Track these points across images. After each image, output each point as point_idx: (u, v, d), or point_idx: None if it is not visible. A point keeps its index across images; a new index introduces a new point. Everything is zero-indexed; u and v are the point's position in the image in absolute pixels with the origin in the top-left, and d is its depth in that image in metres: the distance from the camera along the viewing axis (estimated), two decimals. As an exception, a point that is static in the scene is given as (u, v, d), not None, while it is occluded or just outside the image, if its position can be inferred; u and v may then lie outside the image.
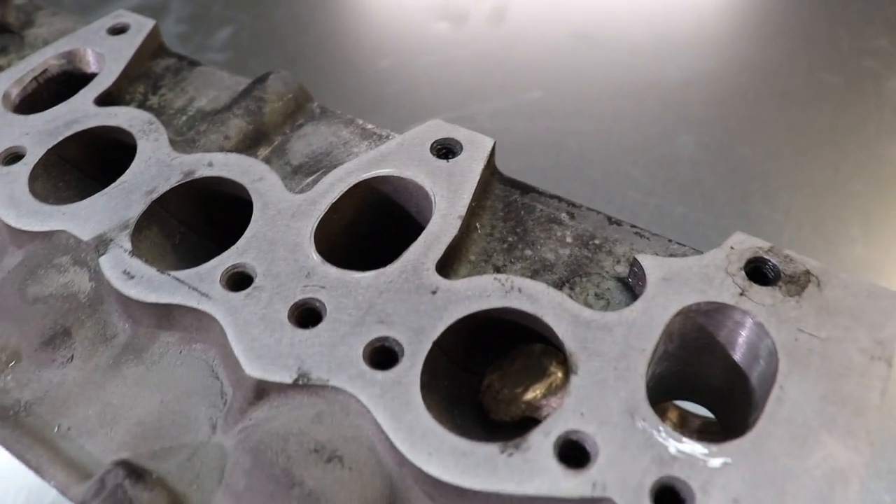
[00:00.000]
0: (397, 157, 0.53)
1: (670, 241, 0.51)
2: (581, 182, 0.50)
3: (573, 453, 0.40)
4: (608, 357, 0.42)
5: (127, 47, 0.66)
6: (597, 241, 0.51)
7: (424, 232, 0.49)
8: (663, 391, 0.53)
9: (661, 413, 0.58)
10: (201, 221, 0.58)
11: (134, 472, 0.42)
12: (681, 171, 0.98)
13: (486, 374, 0.59)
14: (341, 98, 0.59)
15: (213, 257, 0.49)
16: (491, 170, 0.54)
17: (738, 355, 0.47)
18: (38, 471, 0.45)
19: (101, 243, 0.51)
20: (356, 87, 0.60)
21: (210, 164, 0.55)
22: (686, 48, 1.22)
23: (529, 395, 0.53)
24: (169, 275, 0.49)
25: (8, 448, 0.46)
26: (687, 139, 1.03)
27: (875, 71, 1.15)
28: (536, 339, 0.54)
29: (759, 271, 0.46)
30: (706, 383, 0.52)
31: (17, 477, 0.83)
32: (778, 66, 1.17)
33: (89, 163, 0.61)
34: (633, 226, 0.52)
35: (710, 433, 0.59)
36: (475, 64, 1.21)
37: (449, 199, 0.50)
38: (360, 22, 1.38)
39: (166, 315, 0.49)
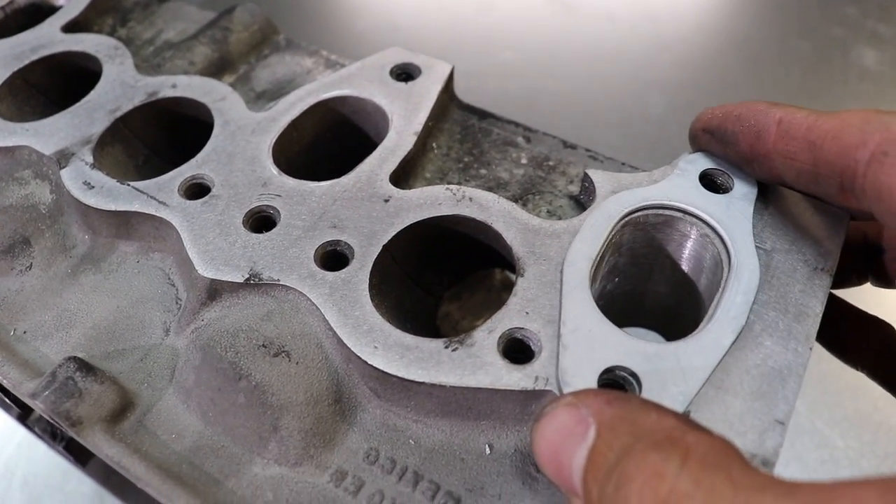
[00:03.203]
0: (357, 80, 0.54)
1: (623, 164, 0.52)
2: (552, 139, 0.53)
3: (517, 350, 0.41)
4: (555, 261, 0.43)
5: (96, -21, 0.66)
6: (551, 163, 0.52)
7: (380, 146, 0.50)
8: (616, 314, 0.54)
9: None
10: (165, 145, 0.58)
11: (85, 366, 0.43)
12: (650, 130, 1.00)
13: (445, 301, 0.60)
14: (321, 47, 0.60)
15: (176, 179, 0.50)
16: (449, 94, 0.55)
17: (686, 267, 0.48)
18: (-8, 370, 0.46)
19: (63, 157, 0.52)
20: (333, 48, 0.61)
21: (174, 86, 0.56)
22: (660, 15, 1.24)
23: (488, 328, 0.53)
24: (128, 185, 0.50)
25: (-37, 349, 0.47)
26: (657, 100, 1.05)
27: (843, 38, 1.17)
28: (488, 263, 0.55)
29: (710, 184, 0.47)
30: (657, 303, 0.53)
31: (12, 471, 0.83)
32: (749, 32, 1.19)
33: (55, 89, 0.62)
34: (588, 149, 0.53)
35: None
36: (450, 25, 1.22)
37: (406, 117, 0.51)
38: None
39: (125, 224, 0.50)
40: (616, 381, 0.39)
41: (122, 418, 0.43)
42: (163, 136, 0.58)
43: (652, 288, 0.52)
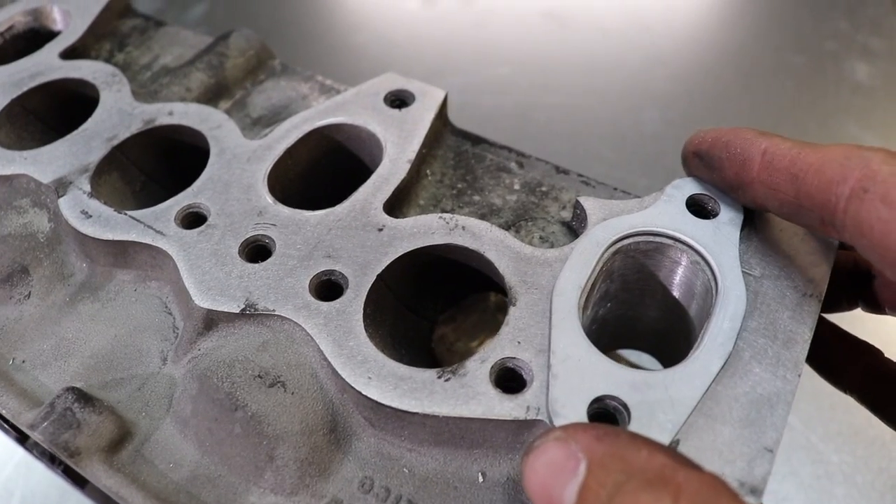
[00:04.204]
0: (351, 107, 0.55)
1: (615, 188, 0.52)
2: (547, 155, 0.52)
3: (509, 380, 0.41)
4: (546, 290, 0.44)
5: (94, 5, 0.67)
6: (544, 188, 0.53)
7: (374, 174, 0.50)
8: (609, 338, 0.55)
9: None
10: (162, 172, 0.59)
11: (83, 396, 0.43)
12: (645, 145, 1.00)
13: (440, 324, 0.60)
14: (316, 72, 0.61)
15: (172, 206, 0.50)
16: (443, 121, 0.56)
17: (677, 293, 0.48)
18: (-9, 400, 0.46)
19: (61, 186, 0.52)
20: (331, 63, 0.61)
21: (170, 113, 0.56)
22: (654, 28, 1.25)
23: (483, 349, 0.54)
24: (125, 214, 0.50)
25: (-38, 379, 0.47)
26: (652, 115, 1.06)
27: (835, 52, 1.18)
28: (483, 287, 0.56)
29: (699, 211, 0.47)
30: (649, 327, 0.53)
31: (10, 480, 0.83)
32: (743, 45, 1.20)
33: (53, 115, 0.62)
34: (580, 175, 0.53)
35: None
36: (445, 41, 1.23)
37: (399, 144, 0.52)
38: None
39: (122, 253, 0.50)
40: (606, 411, 0.39)
41: (120, 448, 0.43)
42: (160, 163, 0.58)
43: (644, 313, 0.52)
